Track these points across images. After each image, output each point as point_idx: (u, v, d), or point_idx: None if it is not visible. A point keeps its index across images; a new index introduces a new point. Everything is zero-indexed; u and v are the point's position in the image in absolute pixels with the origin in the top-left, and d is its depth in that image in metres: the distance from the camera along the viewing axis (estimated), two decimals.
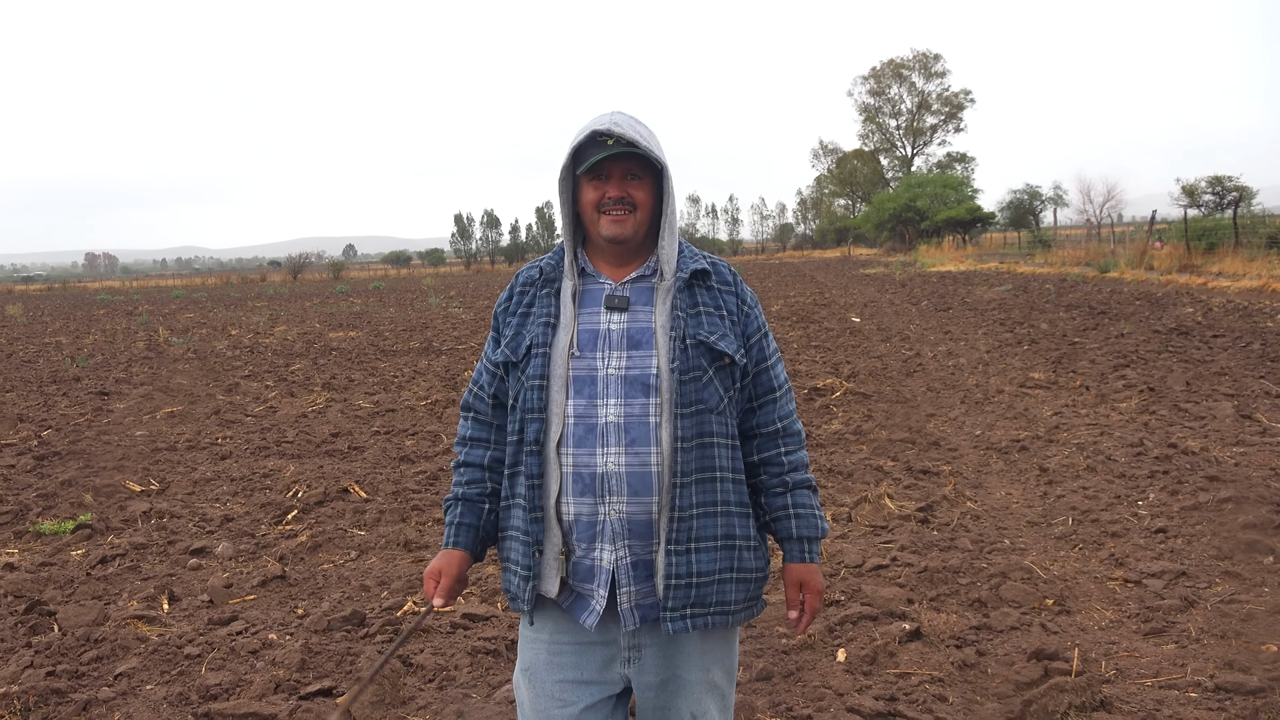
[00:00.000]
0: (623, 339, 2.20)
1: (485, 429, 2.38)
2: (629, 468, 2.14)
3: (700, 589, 2.18)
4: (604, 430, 2.15)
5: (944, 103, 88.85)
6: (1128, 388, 10.00)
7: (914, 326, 17.40)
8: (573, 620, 2.25)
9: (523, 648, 2.35)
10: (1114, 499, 6.33)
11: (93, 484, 7.80)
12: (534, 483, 2.18)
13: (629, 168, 2.21)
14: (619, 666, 2.26)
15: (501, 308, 2.35)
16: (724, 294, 2.28)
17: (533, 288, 2.31)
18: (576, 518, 2.17)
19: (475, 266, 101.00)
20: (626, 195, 2.20)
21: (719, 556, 2.20)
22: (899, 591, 4.92)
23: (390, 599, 5.16)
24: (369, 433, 9.68)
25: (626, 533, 2.15)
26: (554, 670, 2.27)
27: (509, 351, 2.26)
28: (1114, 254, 32.75)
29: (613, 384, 2.17)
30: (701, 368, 2.18)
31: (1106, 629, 4.48)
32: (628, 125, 2.18)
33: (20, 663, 4.40)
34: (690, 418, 2.15)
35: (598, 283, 2.27)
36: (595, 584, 2.18)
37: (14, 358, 18.51)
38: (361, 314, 27.55)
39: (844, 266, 49.44)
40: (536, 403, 2.18)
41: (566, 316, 2.23)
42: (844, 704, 3.82)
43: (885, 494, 6.70)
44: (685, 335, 2.18)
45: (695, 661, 2.27)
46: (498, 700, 3.98)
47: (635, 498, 2.14)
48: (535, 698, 2.29)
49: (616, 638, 2.24)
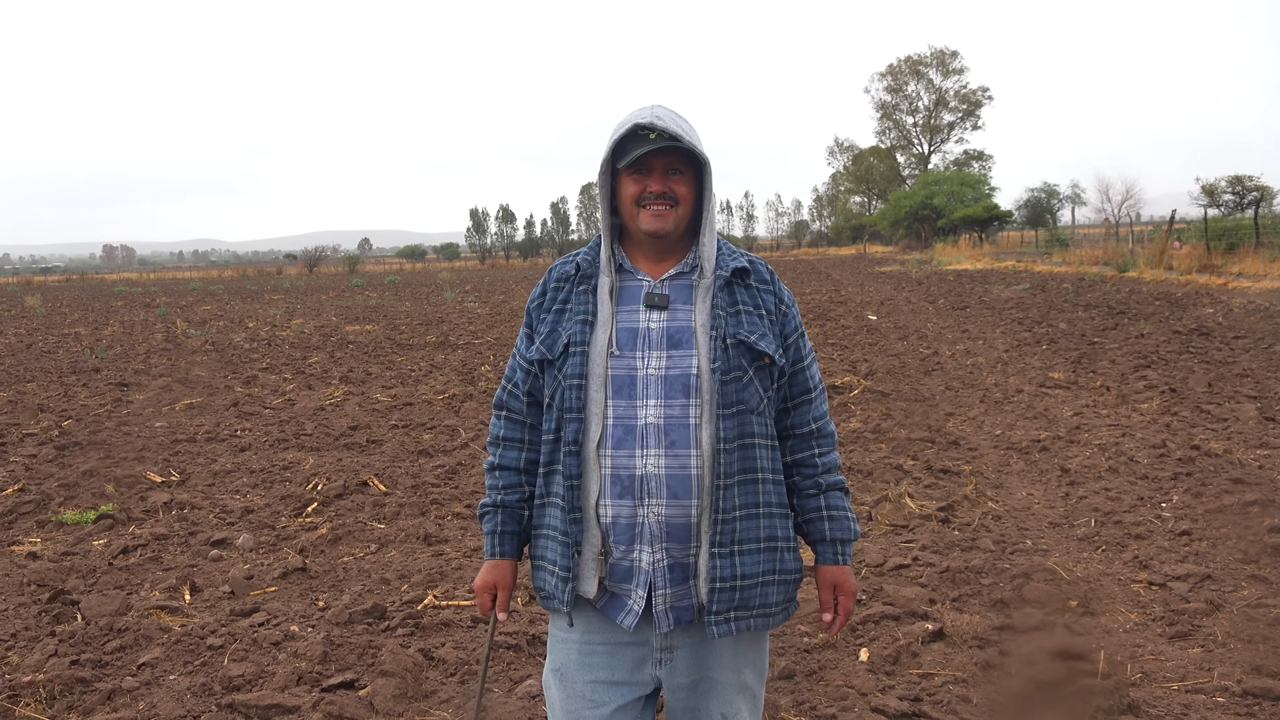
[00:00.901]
0: (662, 338, 2.17)
1: (519, 428, 2.35)
2: (669, 470, 2.11)
3: (744, 591, 2.16)
4: (643, 432, 2.12)
5: (961, 100, 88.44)
6: (1149, 388, 9.93)
7: (931, 325, 17.33)
8: (605, 620, 2.23)
9: (553, 647, 2.33)
10: (1137, 501, 6.28)
11: (114, 474, 7.84)
12: (573, 483, 2.15)
13: (671, 162, 2.18)
14: (650, 667, 2.25)
15: (535, 303, 2.32)
16: (762, 293, 2.26)
17: (568, 283, 2.27)
18: (615, 519, 2.14)
19: (490, 261, 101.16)
20: (669, 190, 2.17)
21: (762, 559, 2.18)
22: (921, 591, 4.89)
23: (411, 592, 5.16)
24: (387, 426, 9.70)
25: (665, 535, 2.13)
26: (586, 671, 2.25)
27: (544, 349, 2.22)
28: (1133, 254, 32.54)
29: (652, 384, 2.14)
30: (742, 368, 2.15)
31: (1131, 631, 4.45)
32: (669, 119, 2.16)
33: (45, 651, 4.43)
34: (732, 419, 2.13)
35: (635, 279, 2.24)
36: (633, 584, 2.16)
37: (34, 348, 18.63)
38: (377, 308, 27.62)
39: (860, 264, 49.29)
40: (575, 402, 2.15)
41: (605, 314, 2.20)
42: (868, 704, 3.80)
43: (906, 493, 6.67)
44: (726, 335, 2.15)
45: (727, 663, 2.26)
46: (520, 695, 3.97)
47: (675, 500, 2.12)
48: (566, 698, 2.27)
49: (649, 639, 2.23)
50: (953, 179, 69.86)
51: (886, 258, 56.33)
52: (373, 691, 3.99)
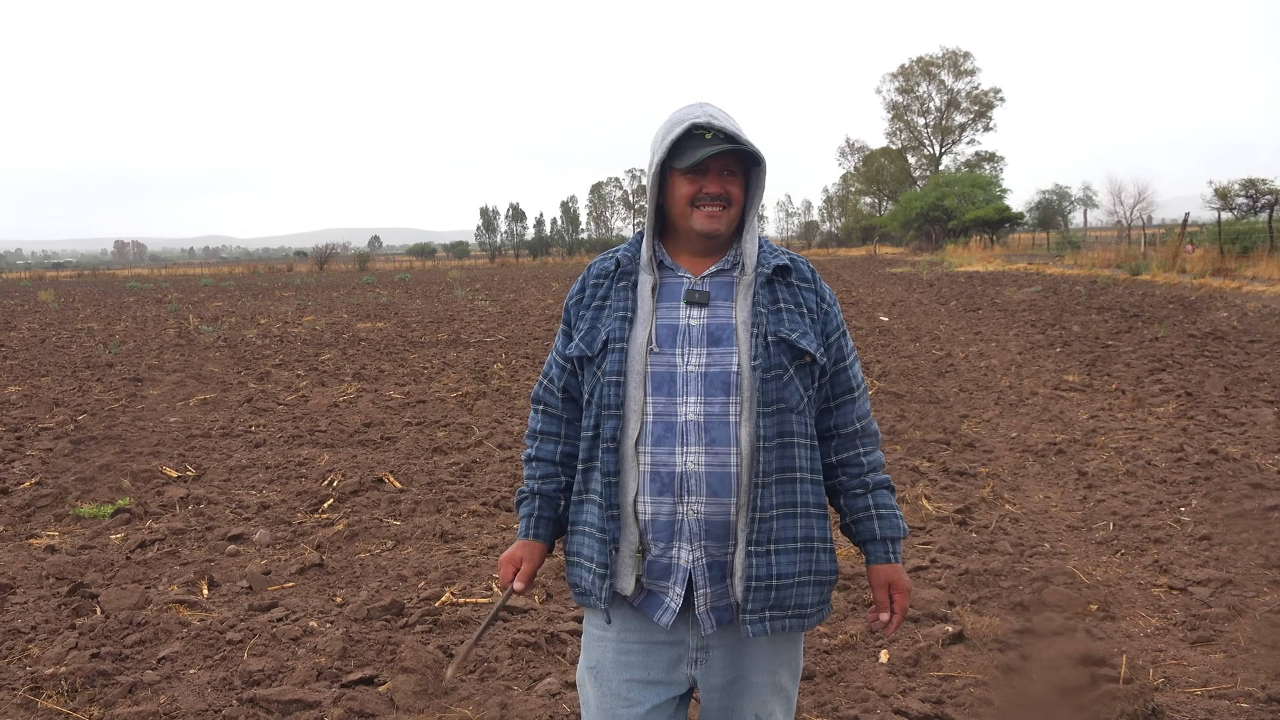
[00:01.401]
0: (703, 335, 2.15)
1: (556, 423, 2.35)
2: (708, 468, 2.10)
3: (780, 591, 2.14)
4: (683, 429, 2.11)
5: (973, 101, 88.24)
6: (1165, 392, 9.88)
7: (943, 326, 17.29)
8: (642, 619, 2.22)
9: (589, 645, 2.32)
10: (1155, 505, 6.25)
11: (130, 469, 7.86)
12: (611, 480, 2.14)
13: (727, 163, 2.16)
14: (685, 667, 2.23)
15: (573, 300, 2.31)
16: (804, 291, 2.24)
17: (607, 280, 2.26)
18: (654, 517, 2.13)
19: (500, 260, 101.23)
20: (725, 192, 2.16)
21: (798, 559, 2.17)
22: (939, 594, 4.88)
23: (428, 589, 5.16)
24: (400, 423, 9.71)
25: (704, 533, 2.12)
26: (621, 669, 2.24)
27: (584, 346, 2.21)
28: (1145, 256, 32.41)
29: (692, 381, 2.12)
30: (783, 365, 2.14)
31: (1153, 636, 4.43)
32: (723, 118, 2.14)
33: (65, 644, 4.44)
34: (771, 416, 2.12)
35: (676, 276, 2.23)
36: (671, 582, 2.15)
37: (47, 343, 18.71)
38: (388, 305, 27.67)
39: (870, 265, 49.20)
40: (614, 399, 2.14)
41: (645, 311, 2.18)
42: (890, 705, 3.79)
43: (922, 495, 6.65)
44: (767, 332, 2.14)
45: (763, 663, 2.25)
46: (539, 694, 3.97)
47: (714, 498, 2.11)
48: (602, 696, 2.27)
49: (685, 638, 2.22)
50: (964, 180, 69.72)
51: (897, 259, 56.22)
52: (393, 688, 3.99)
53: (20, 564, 5.59)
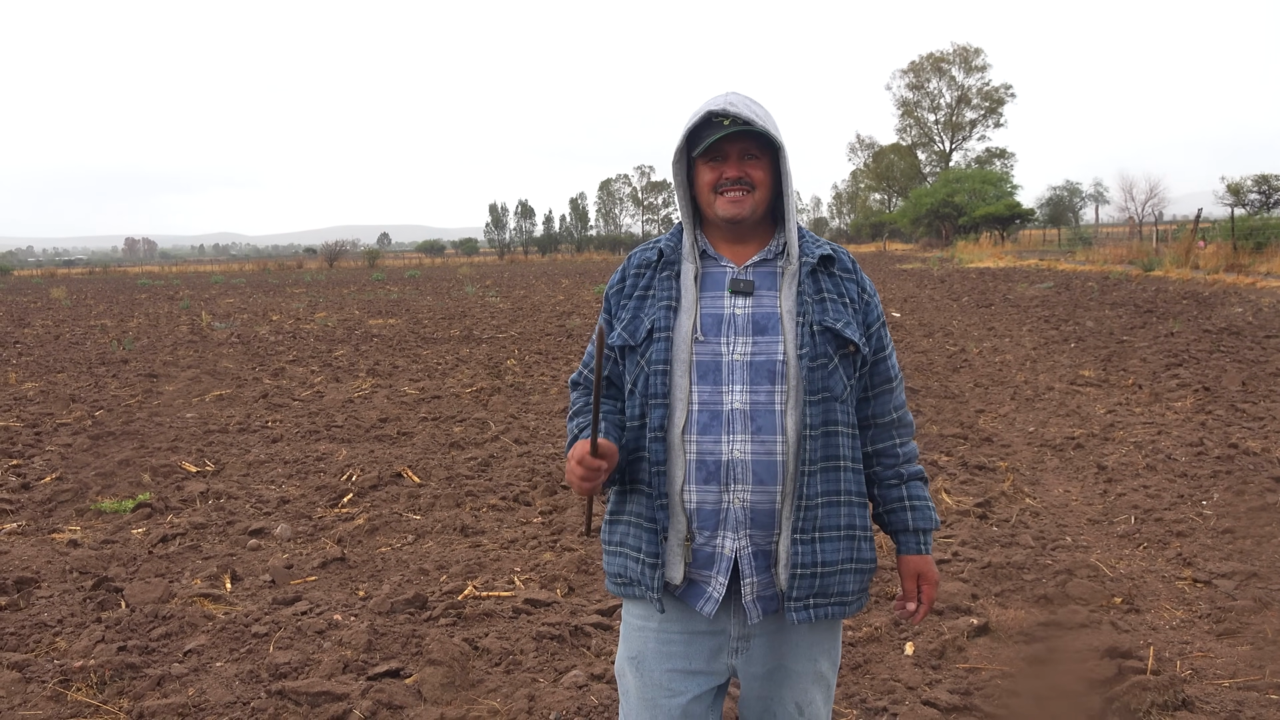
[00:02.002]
0: (748, 324, 2.16)
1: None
2: (755, 456, 2.11)
3: (824, 579, 2.15)
4: (730, 417, 2.11)
5: (984, 97, 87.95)
6: (1182, 387, 9.85)
7: (956, 322, 17.25)
8: (684, 608, 2.22)
9: (628, 636, 2.32)
10: (1177, 498, 6.23)
11: (149, 464, 7.89)
12: (659, 469, 2.15)
13: (746, 147, 2.17)
14: (726, 656, 2.24)
15: (614, 289, 2.31)
16: (846, 281, 2.24)
17: (649, 270, 2.26)
18: (700, 505, 2.13)
19: (509, 256, 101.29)
20: (744, 175, 2.16)
21: (841, 547, 2.17)
22: (963, 586, 4.87)
23: (450, 583, 5.18)
24: (416, 419, 9.73)
25: (749, 522, 2.12)
26: (663, 660, 2.24)
27: (627, 335, 2.22)
28: (1158, 252, 32.28)
29: (738, 370, 2.13)
30: (828, 354, 2.14)
31: (1178, 628, 4.42)
32: (743, 104, 2.15)
33: (92, 637, 4.47)
34: (817, 405, 2.12)
35: (719, 265, 2.23)
36: (714, 570, 2.15)
37: (61, 339, 18.78)
38: (399, 301, 27.70)
39: (880, 261, 49.09)
40: (660, 388, 2.14)
41: (688, 300, 2.19)
42: (918, 697, 3.79)
43: (942, 489, 6.64)
44: (813, 321, 2.14)
45: (803, 652, 2.25)
46: (566, 685, 3.98)
47: (760, 486, 2.11)
48: (643, 687, 2.27)
49: (726, 627, 2.22)
50: (974, 176, 69.54)
51: (907, 255, 56.07)
52: (420, 680, 4.00)
53: (44, 558, 5.62)
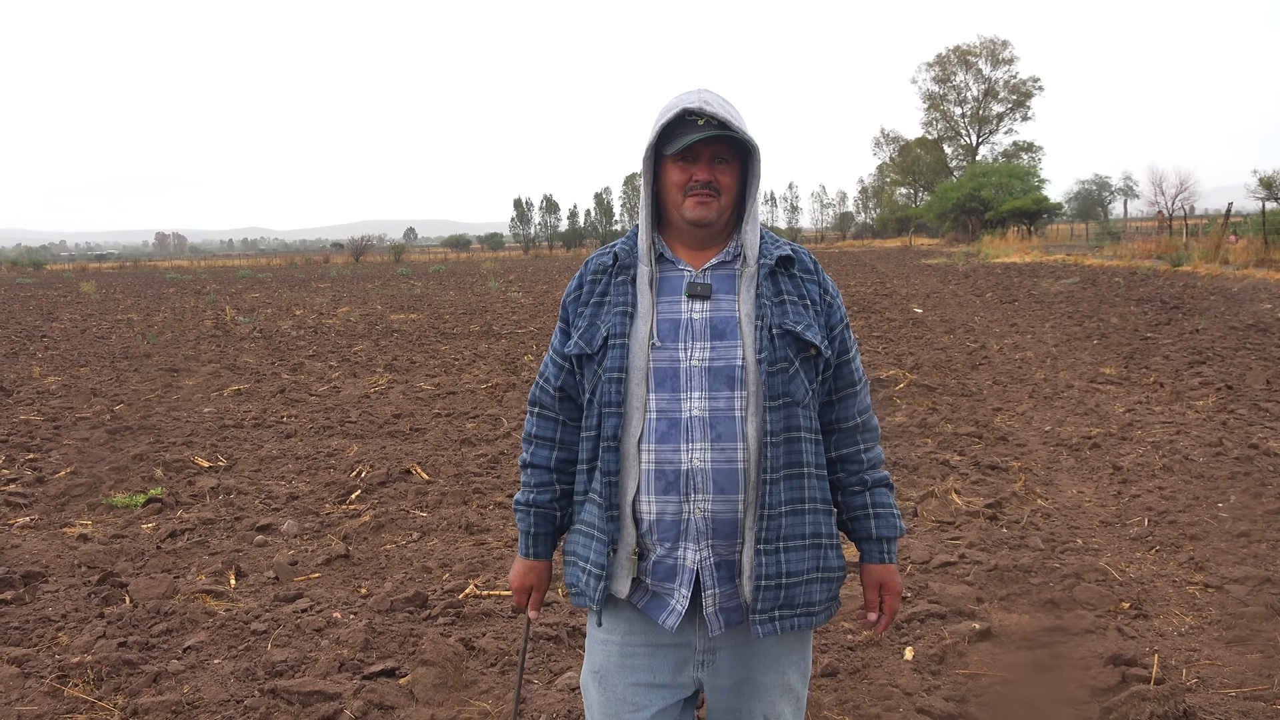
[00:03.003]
0: (706, 329, 2.10)
1: (551, 426, 2.29)
2: (715, 464, 2.05)
3: (789, 590, 2.10)
4: (688, 425, 2.06)
5: (1011, 90, 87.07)
6: (1204, 385, 9.69)
7: (978, 318, 17.08)
8: (646, 621, 2.18)
9: (592, 649, 2.28)
10: (1192, 500, 6.12)
11: (163, 459, 7.95)
12: (611, 480, 2.10)
13: (718, 150, 2.11)
14: (692, 669, 2.19)
15: (571, 298, 2.25)
16: (806, 283, 2.19)
17: (605, 275, 2.21)
18: (659, 517, 2.08)
19: (534, 251, 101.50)
20: (714, 179, 2.11)
21: (807, 556, 2.12)
22: (968, 590, 4.80)
23: (452, 581, 5.17)
24: (430, 415, 9.74)
25: (711, 532, 2.07)
26: (627, 673, 2.20)
27: (583, 344, 2.15)
28: (1187, 247, 31.82)
29: (696, 376, 2.07)
30: (789, 358, 2.09)
31: (1186, 635, 4.33)
32: (718, 104, 2.09)
33: (94, 633, 4.49)
34: (778, 411, 2.07)
35: (676, 269, 2.18)
36: (676, 583, 2.10)
37: (88, 333, 18.99)
38: (422, 296, 27.81)
39: (905, 256, 48.75)
40: (615, 396, 2.09)
41: (645, 305, 2.13)
42: (913, 704, 3.73)
43: (952, 489, 6.56)
44: (772, 324, 2.09)
45: (771, 664, 2.20)
46: (559, 688, 3.96)
47: (721, 495, 2.06)
48: (606, 701, 2.23)
49: (691, 640, 2.17)
50: (1001, 171, 68.92)
51: (932, 250, 55.64)
52: (413, 680, 3.99)
53: (53, 552, 5.66)
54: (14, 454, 8.28)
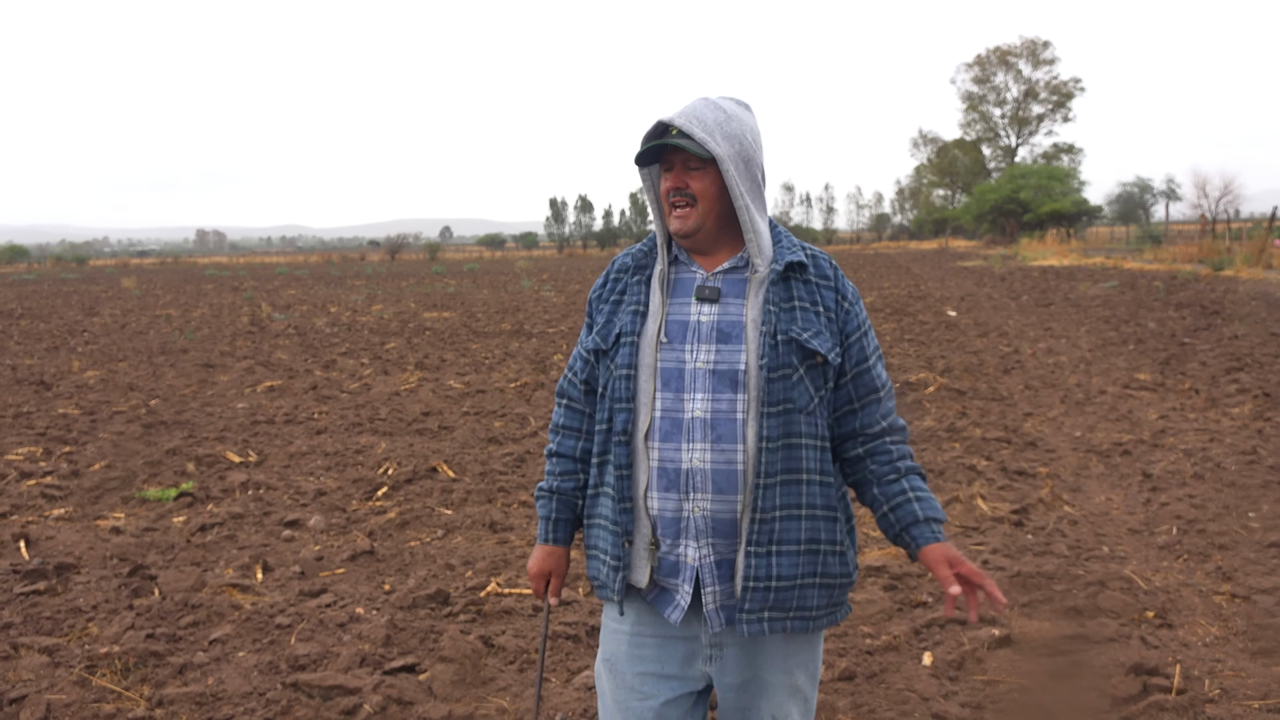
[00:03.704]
0: (712, 331, 2.14)
1: (578, 417, 2.35)
2: (714, 465, 2.09)
3: (779, 593, 2.12)
4: (690, 425, 2.10)
5: (1051, 91, 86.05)
6: (1241, 392, 9.54)
7: (1013, 322, 16.91)
8: (656, 614, 2.22)
9: (605, 638, 2.34)
10: (1223, 509, 6.04)
11: (195, 453, 8.08)
12: (623, 473, 2.15)
13: (685, 158, 2.13)
14: (700, 663, 2.23)
15: (596, 294, 2.33)
16: (822, 289, 2.19)
17: (626, 275, 2.27)
18: (661, 513, 2.13)
19: (568, 250, 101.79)
20: (685, 186, 2.13)
21: (801, 561, 2.13)
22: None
23: (475, 579, 5.21)
24: (459, 413, 9.82)
25: (710, 531, 2.11)
26: (635, 662, 2.25)
27: (599, 339, 2.23)
28: (1229, 251, 31.30)
29: (700, 378, 2.11)
30: (791, 365, 2.10)
31: (1211, 645, 4.28)
32: (694, 113, 2.10)
33: (122, 624, 4.58)
34: (776, 417, 2.08)
35: (689, 271, 2.22)
36: (680, 579, 2.15)
37: (127, 329, 19.31)
38: (455, 295, 28.00)
39: (941, 258, 48.34)
40: (624, 392, 2.15)
41: (655, 304, 2.19)
42: (929, 709, 3.72)
43: (978, 494, 6.52)
44: (776, 331, 2.10)
45: (778, 664, 2.22)
46: (576, 686, 3.98)
47: (720, 495, 2.09)
48: (616, 689, 2.27)
49: (698, 633, 2.21)
50: (1040, 172, 68.17)
51: (969, 252, 55.14)
52: (432, 676, 4.03)
53: (86, 544, 5.78)
54: (51, 447, 8.45)
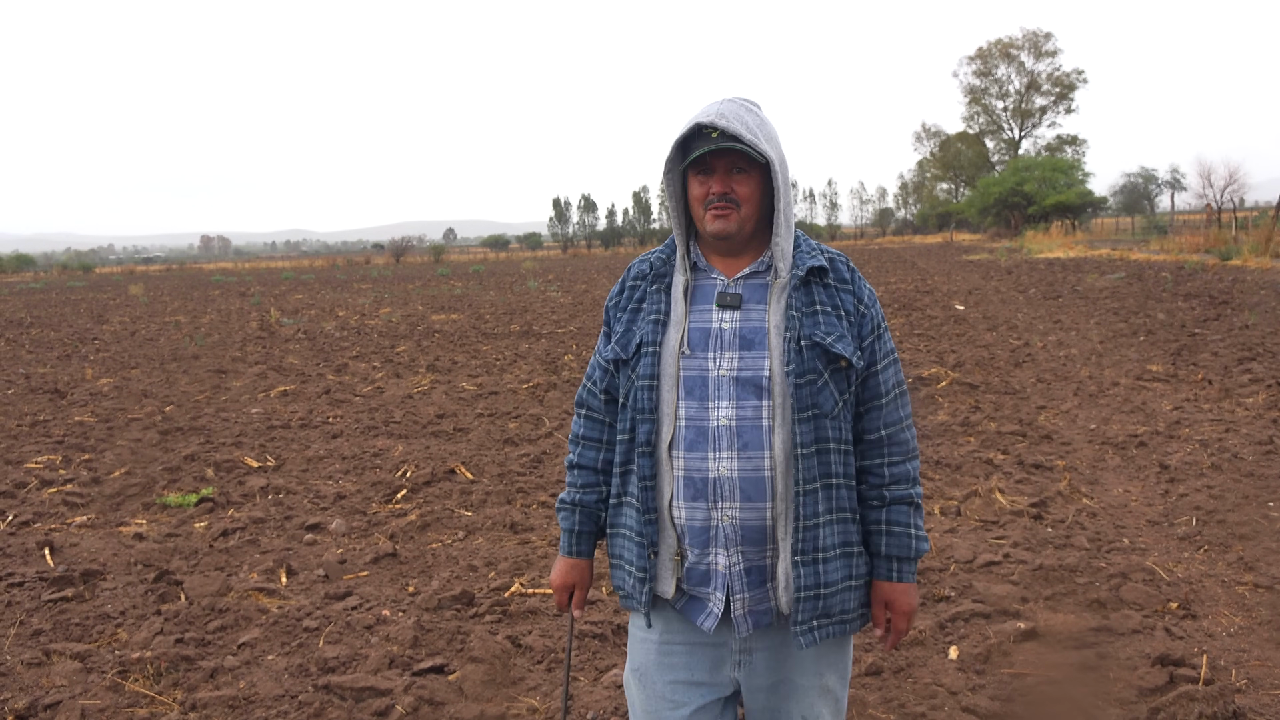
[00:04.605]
0: (735, 338, 2.13)
1: (598, 427, 2.34)
2: (741, 473, 2.09)
3: (828, 600, 2.14)
4: (715, 434, 2.10)
5: (1054, 83, 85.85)
6: (1254, 382, 9.54)
7: (1021, 315, 16.91)
8: (684, 621, 2.22)
9: (633, 648, 2.33)
10: (1241, 499, 6.04)
11: (213, 459, 8.12)
12: (647, 484, 2.14)
13: (733, 161, 2.12)
14: (729, 669, 2.23)
15: (613, 302, 2.30)
16: (841, 292, 2.19)
17: (643, 282, 2.25)
18: (689, 522, 2.12)
19: (572, 251, 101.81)
20: (730, 191, 2.13)
21: (840, 565, 2.15)
22: (1012, 589, 4.79)
23: (498, 580, 5.24)
24: (473, 415, 9.85)
25: (740, 539, 2.11)
26: (665, 671, 2.25)
27: (619, 349, 2.22)
28: (1236, 241, 31.24)
29: (724, 386, 2.11)
30: (817, 370, 2.10)
31: (1236, 636, 4.29)
32: (734, 115, 2.10)
33: (151, 629, 4.62)
34: (807, 423, 2.09)
35: (710, 278, 2.21)
36: (711, 588, 2.15)
37: (137, 335, 19.38)
38: (462, 297, 28.03)
39: (946, 252, 48.28)
40: (647, 403, 2.14)
41: (677, 313, 2.17)
42: (958, 703, 3.74)
43: (996, 488, 6.53)
44: (800, 336, 2.10)
45: (808, 666, 2.23)
46: (605, 685, 4.01)
47: (748, 503, 2.09)
48: (646, 699, 2.27)
49: (727, 640, 2.21)
50: (1044, 164, 68.04)
51: (974, 246, 55.06)
52: (462, 677, 4.06)
53: (110, 551, 5.82)
54: (70, 454, 8.50)
